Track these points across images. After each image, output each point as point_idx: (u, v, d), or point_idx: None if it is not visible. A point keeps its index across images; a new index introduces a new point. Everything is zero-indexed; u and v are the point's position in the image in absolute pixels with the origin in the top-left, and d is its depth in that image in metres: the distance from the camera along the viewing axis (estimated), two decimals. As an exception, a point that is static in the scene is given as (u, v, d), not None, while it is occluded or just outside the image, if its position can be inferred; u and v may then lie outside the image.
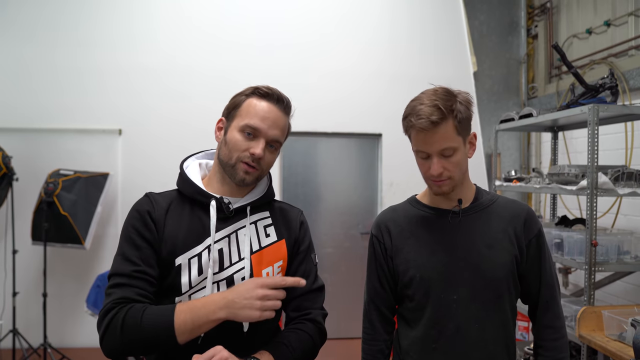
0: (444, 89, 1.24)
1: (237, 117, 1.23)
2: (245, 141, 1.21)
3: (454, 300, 1.27)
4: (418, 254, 1.32)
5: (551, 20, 4.48)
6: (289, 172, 4.44)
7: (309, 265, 1.31)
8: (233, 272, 1.21)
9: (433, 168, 1.23)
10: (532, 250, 1.32)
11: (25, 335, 3.66)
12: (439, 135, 1.19)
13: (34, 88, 4.11)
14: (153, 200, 1.24)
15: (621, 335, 2.15)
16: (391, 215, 1.41)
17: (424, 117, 1.18)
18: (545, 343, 1.32)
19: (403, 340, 1.36)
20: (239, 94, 1.27)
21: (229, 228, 1.23)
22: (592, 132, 2.39)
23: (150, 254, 1.18)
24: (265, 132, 1.21)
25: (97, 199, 3.76)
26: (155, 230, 1.20)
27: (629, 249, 2.55)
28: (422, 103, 1.21)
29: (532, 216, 1.35)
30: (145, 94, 4.19)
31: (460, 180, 1.28)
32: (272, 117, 1.23)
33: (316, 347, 1.25)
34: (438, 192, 1.29)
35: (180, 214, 1.23)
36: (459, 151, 1.23)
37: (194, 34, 4.25)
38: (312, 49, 4.36)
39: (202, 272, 1.19)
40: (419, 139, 1.22)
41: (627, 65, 3.48)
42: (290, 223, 1.32)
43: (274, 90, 1.26)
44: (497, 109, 4.78)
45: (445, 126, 1.19)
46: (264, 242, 1.26)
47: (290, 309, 1.29)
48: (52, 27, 4.13)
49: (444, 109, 1.18)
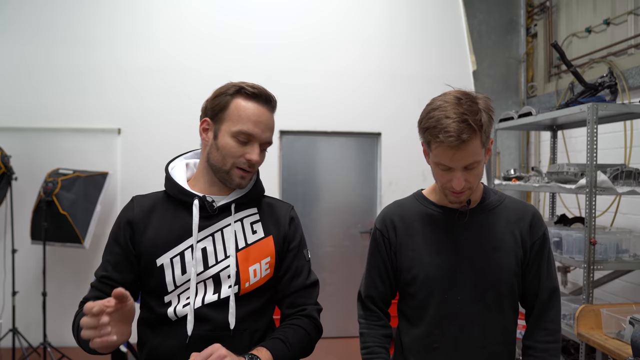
0: (467, 96, 1.17)
1: (226, 121, 1.21)
2: (240, 147, 1.20)
3: (457, 301, 1.26)
4: (423, 252, 1.30)
5: (550, 19, 4.48)
6: (289, 172, 4.44)
7: (301, 261, 1.30)
8: (218, 270, 1.21)
9: (456, 183, 1.18)
10: (535, 252, 1.31)
11: (25, 334, 3.66)
12: (467, 152, 1.13)
13: (32, 87, 4.10)
14: (136, 205, 1.27)
15: (619, 334, 2.15)
16: (397, 210, 1.37)
17: (454, 134, 1.10)
18: (537, 344, 1.30)
19: (404, 337, 1.35)
20: (222, 93, 1.23)
21: (213, 226, 1.23)
22: (591, 131, 2.39)
23: (122, 260, 1.23)
24: (260, 136, 1.21)
25: (96, 198, 3.76)
26: (132, 234, 1.23)
27: (628, 247, 2.55)
28: (448, 117, 1.12)
29: (539, 219, 1.33)
30: (144, 94, 4.19)
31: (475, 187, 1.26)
32: (264, 120, 1.22)
33: (312, 342, 1.26)
34: (455, 202, 1.26)
35: (164, 214, 1.24)
36: (481, 163, 1.19)
37: (193, 33, 4.25)
38: (311, 48, 4.36)
39: (185, 271, 1.19)
40: (444, 154, 1.15)
41: (626, 64, 3.48)
42: (279, 219, 1.31)
43: (261, 89, 1.23)
44: (496, 107, 4.68)
45: (473, 143, 1.13)
46: (250, 238, 1.25)
47: (285, 306, 1.29)
48: (51, 26, 4.12)
49: (474, 124, 1.11)
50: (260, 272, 1.23)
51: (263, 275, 1.24)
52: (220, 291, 1.19)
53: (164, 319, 1.19)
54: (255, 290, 1.23)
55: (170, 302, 1.20)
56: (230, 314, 1.18)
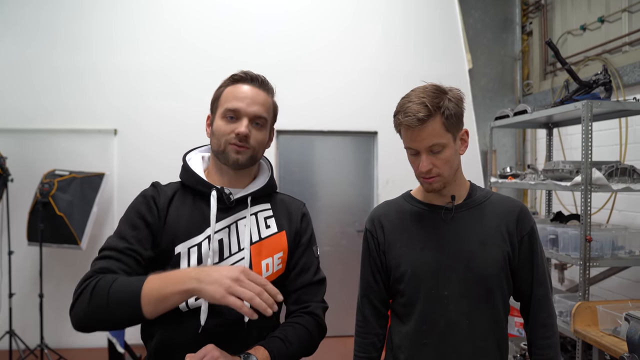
0: (434, 86, 1.25)
1: (218, 107, 1.25)
2: (228, 124, 1.21)
3: (444, 296, 1.28)
4: (410, 249, 1.32)
5: (545, 17, 4.49)
6: (285, 171, 4.44)
7: (310, 257, 1.30)
8: (232, 262, 1.20)
9: (422, 165, 1.24)
10: (525, 247, 1.32)
11: (22, 336, 3.65)
12: (426, 132, 1.21)
13: (28, 88, 4.09)
14: (159, 189, 1.26)
15: (615, 330, 2.17)
16: (385, 210, 1.41)
17: (411, 114, 1.20)
18: (539, 341, 1.34)
19: (395, 336, 1.37)
20: (219, 87, 1.28)
21: (229, 218, 1.23)
22: (585, 128, 2.39)
23: (147, 236, 1.18)
24: (245, 110, 1.21)
25: (93, 199, 3.75)
26: (158, 216, 1.21)
27: (624, 244, 2.56)
28: (410, 101, 1.22)
29: (526, 213, 1.35)
30: (140, 94, 4.18)
31: (451, 177, 1.29)
32: (250, 95, 1.23)
33: (314, 341, 1.24)
34: (429, 190, 1.30)
35: (183, 203, 1.24)
36: (447, 148, 1.24)
37: (190, 33, 4.24)
38: (307, 47, 4.36)
39: (201, 261, 1.19)
40: (408, 135, 1.24)
41: (621, 61, 3.49)
42: (291, 215, 1.31)
43: (248, 72, 1.26)
44: (492, 105, 4.79)
45: (432, 123, 1.20)
46: (264, 233, 1.25)
47: (291, 302, 1.28)
48: (47, 28, 4.11)
49: (431, 106, 1.19)
50: (272, 267, 1.23)
51: (275, 270, 1.24)
52: None
53: (176, 309, 1.14)
54: None
55: None
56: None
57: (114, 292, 1.04)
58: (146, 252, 1.17)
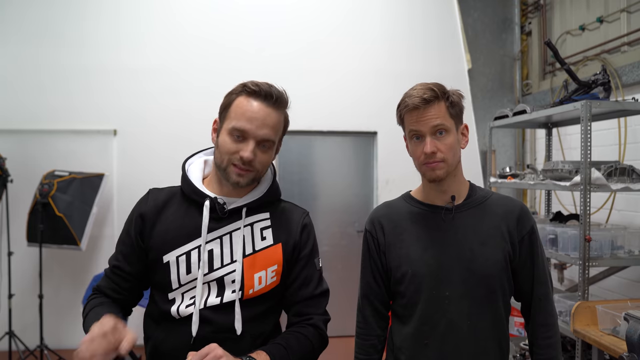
0: (438, 83, 1.29)
1: (227, 119, 1.20)
2: (234, 144, 1.17)
3: (445, 297, 1.28)
4: (410, 250, 1.32)
5: (544, 17, 4.49)
6: (285, 171, 4.44)
7: (311, 270, 1.27)
8: (223, 274, 1.20)
9: (426, 147, 1.23)
10: (525, 247, 1.32)
11: (22, 337, 3.65)
12: (432, 112, 1.23)
13: (27, 89, 4.09)
14: (151, 198, 1.27)
15: (615, 330, 2.17)
16: (385, 211, 1.41)
17: (417, 95, 1.23)
18: (540, 341, 1.33)
19: (396, 337, 1.36)
20: (230, 93, 1.22)
21: (222, 229, 1.21)
22: (585, 128, 2.40)
23: (132, 252, 1.25)
24: (254, 132, 1.17)
25: (93, 200, 3.75)
26: (142, 228, 1.23)
27: (623, 243, 2.56)
28: (414, 89, 1.27)
29: (526, 213, 1.35)
30: (140, 95, 4.18)
31: (453, 167, 1.28)
32: (261, 116, 1.17)
33: (315, 351, 1.24)
34: (432, 177, 1.27)
35: (176, 210, 1.24)
36: (451, 133, 1.25)
37: (190, 34, 4.24)
38: (307, 48, 4.36)
39: (190, 271, 1.19)
40: (412, 117, 1.25)
41: (619, 61, 3.50)
42: (290, 226, 1.28)
43: (262, 85, 1.20)
44: (491, 106, 4.79)
45: (437, 105, 1.24)
46: (259, 245, 1.23)
47: (292, 313, 1.27)
48: (47, 28, 4.11)
49: (437, 89, 1.24)
50: (265, 280, 1.21)
51: (268, 283, 1.22)
52: (224, 295, 1.19)
53: (168, 316, 1.19)
54: (258, 296, 1.22)
55: (174, 300, 1.19)
56: (236, 319, 1.18)
57: (86, 320, 1.17)
58: (130, 267, 1.25)
